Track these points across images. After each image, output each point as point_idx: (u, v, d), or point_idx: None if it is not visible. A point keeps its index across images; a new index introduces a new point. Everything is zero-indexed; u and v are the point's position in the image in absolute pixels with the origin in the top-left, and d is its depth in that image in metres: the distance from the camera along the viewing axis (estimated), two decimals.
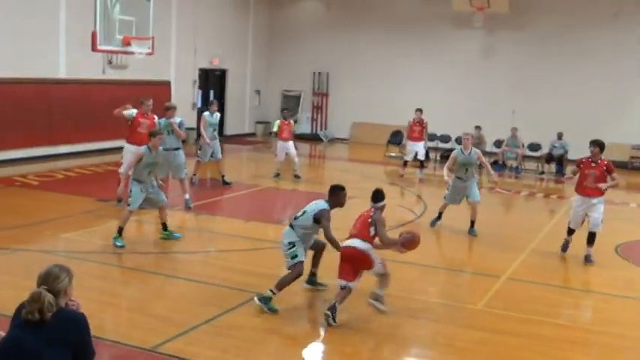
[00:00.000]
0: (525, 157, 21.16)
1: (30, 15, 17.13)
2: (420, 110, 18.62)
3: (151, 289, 8.81)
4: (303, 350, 7.15)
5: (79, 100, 18.52)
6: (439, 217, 12.53)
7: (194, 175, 15.48)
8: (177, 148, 13.06)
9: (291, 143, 16.88)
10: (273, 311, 7.79)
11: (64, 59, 18.28)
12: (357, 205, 14.61)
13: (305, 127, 27.02)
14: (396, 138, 22.97)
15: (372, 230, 7.92)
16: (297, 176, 16.77)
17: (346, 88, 26.04)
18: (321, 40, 26.44)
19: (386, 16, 25.38)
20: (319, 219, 8.16)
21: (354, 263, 7.79)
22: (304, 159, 23.43)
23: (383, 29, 25.40)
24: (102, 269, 9.33)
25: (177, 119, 13.15)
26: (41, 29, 17.54)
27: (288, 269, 8.15)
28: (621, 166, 21.86)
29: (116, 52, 16.26)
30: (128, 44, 13.19)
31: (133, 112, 12.58)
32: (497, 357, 7.10)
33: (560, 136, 20.64)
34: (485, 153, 21.02)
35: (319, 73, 26.70)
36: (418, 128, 18.50)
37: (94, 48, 12.70)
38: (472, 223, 12.12)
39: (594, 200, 10.39)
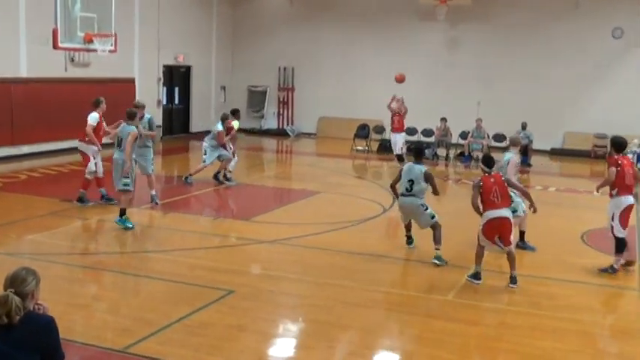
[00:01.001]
0: (491, 148, 21.35)
1: None
2: (398, 100, 18.68)
3: (120, 289, 8.72)
4: (274, 346, 7.14)
5: (42, 99, 18.21)
6: None
7: (190, 175, 15.31)
8: (146, 146, 12.94)
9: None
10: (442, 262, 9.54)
11: (25, 57, 17.95)
12: (325, 198, 14.73)
13: (271, 123, 26.96)
14: (362, 131, 23.02)
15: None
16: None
17: (312, 82, 26.02)
18: (286, 35, 26.38)
19: (349, 9, 25.40)
20: (428, 177, 9.80)
21: (504, 232, 8.73)
22: (271, 154, 23.45)
23: (346, 22, 25.41)
24: (69, 270, 9.21)
25: (147, 116, 13.04)
26: (0, 27, 17.21)
27: (432, 227, 9.78)
28: (584, 154, 22.25)
29: (78, 50, 16.06)
30: (90, 41, 13.09)
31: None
32: (468, 348, 7.16)
33: (524, 127, 20.87)
34: (451, 145, 21.36)
35: (284, 68, 26.64)
36: (397, 118, 18.57)
37: (55, 45, 12.54)
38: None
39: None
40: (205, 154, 15.11)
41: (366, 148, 22.50)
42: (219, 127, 15.14)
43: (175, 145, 22.87)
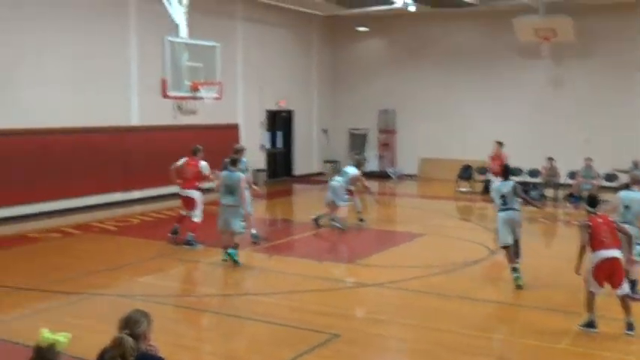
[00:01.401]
0: (602, 188, 20.52)
1: (103, 67, 17.75)
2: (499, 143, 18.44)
3: (224, 331, 8.79)
4: None
5: (152, 146, 18.97)
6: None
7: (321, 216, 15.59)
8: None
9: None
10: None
11: (137, 107, 18.83)
12: (429, 241, 14.51)
13: (373, 165, 26.97)
14: (465, 172, 22.67)
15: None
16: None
17: (413, 123, 25.92)
18: (386, 77, 26.49)
19: (449, 49, 25.28)
20: (516, 190, 10.60)
21: (615, 273, 8.31)
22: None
23: (447, 62, 25.29)
24: (178, 312, 9.40)
25: (243, 160, 13.33)
26: (114, 79, 18.15)
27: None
28: None
29: (185, 98, 16.61)
30: (197, 90, 13.46)
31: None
32: None
33: (637, 165, 19.96)
34: (559, 185, 20.65)
35: (385, 110, 26.69)
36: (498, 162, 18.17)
37: (164, 95, 13.01)
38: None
39: None
40: (336, 196, 15.24)
41: (470, 189, 22.11)
42: (355, 171, 15.60)
43: (279, 188, 23.21)
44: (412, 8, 22.28)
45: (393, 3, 21.50)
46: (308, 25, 25.98)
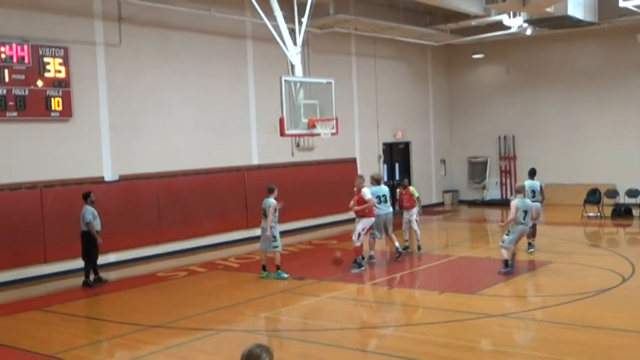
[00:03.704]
0: None
1: (224, 110, 18.43)
2: None
3: None
4: None
5: (272, 184, 19.35)
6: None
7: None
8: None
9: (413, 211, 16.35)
10: None
11: (256, 146, 19.36)
12: (557, 269, 13.96)
13: (495, 193, 26.38)
14: (593, 196, 21.71)
15: None
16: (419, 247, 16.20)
17: (534, 149, 25.18)
18: (503, 103, 25.99)
19: (567, 69, 24.53)
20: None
21: None
22: (496, 225, 22.83)
23: (565, 84, 24.54)
24: (301, 347, 9.47)
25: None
26: (235, 122, 18.78)
27: None
28: None
29: (303, 136, 16.98)
30: (313, 126, 13.66)
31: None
32: None
33: None
34: None
35: (504, 136, 26.13)
36: None
37: (282, 133, 13.30)
38: None
39: None
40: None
41: (599, 213, 21.15)
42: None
43: (399, 220, 23.02)
44: (529, 32, 21.84)
45: (508, 28, 21.15)
46: (422, 55, 25.95)
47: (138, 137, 16.52)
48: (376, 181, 15.15)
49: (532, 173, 16.52)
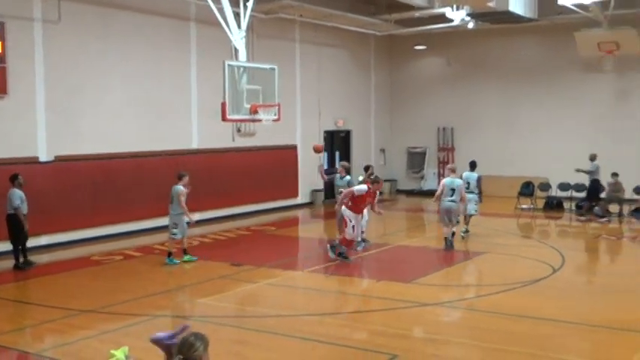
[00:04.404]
0: None
1: (165, 93, 18.16)
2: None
3: (289, 353, 8.78)
4: None
5: (211, 169, 19.24)
6: None
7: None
8: None
9: None
10: None
11: (196, 131, 19.16)
12: (490, 259, 14.28)
13: (432, 183, 26.74)
14: (527, 189, 22.25)
15: None
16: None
17: (472, 141, 25.61)
18: (444, 95, 26.34)
19: (507, 65, 24.99)
20: None
21: None
22: (433, 215, 23.20)
23: (505, 79, 25.02)
24: (238, 333, 9.45)
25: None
26: (175, 105, 18.52)
27: None
28: None
29: (244, 121, 16.85)
30: (255, 112, 13.59)
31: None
32: None
33: None
34: (624, 200, 20.08)
35: (443, 128, 26.51)
36: None
37: (223, 118, 13.18)
38: None
39: None
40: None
41: (532, 205, 21.70)
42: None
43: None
44: (471, 25, 22.16)
45: (451, 21, 21.40)
46: (365, 45, 26.05)
47: (75, 118, 16.14)
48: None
49: (472, 165, 17.35)
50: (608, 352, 8.56)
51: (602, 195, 20.11)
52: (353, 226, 13.55)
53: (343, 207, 13.61)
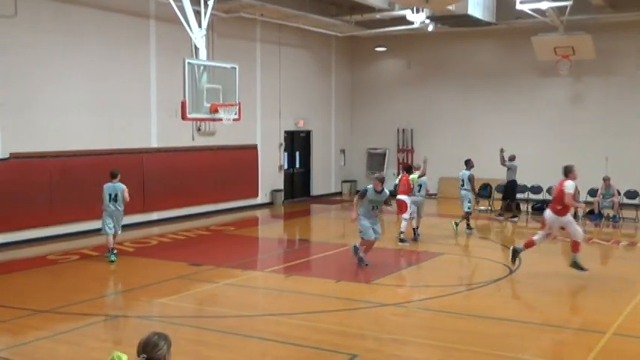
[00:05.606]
0: (623, 205, 20.33)
1: (124, 91, 17.93)
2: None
3: (248, 353, 8.75)
4: None
5: (171, 168, 19.08)
6: None
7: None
8: None
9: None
10: None
11: (156, 129, 18.97)
12: (449, 260, 14.42)
13: (392, 184, 26.89)
14: (484, 191, 22.52)
15: None
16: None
17: (431, 143, 25.84)
18: (403, 97, 26.53)
19: (467, 68, 25.30)
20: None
21: None
22: (392, 216, 23.33)
23: (464, 82, 25.32)
24: (197, 334, 9.38)
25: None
26: (134, 103, 18.31)
27: None
28: None
29: (204, 120, 16.75)
30: (216, 111, 13.49)
31: None
32: None
33: None
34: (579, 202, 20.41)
35: (403, 129, 26.70)
36: None
37: (183, 117, 13.06)
38: None
39: None
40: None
41: (489, 207, 21.98)
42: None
43: (297, 208, 23.21)
44: (430, 28, 22.36)
45: (411, 23, 21.55)
46: (327, 45, 26.10)
47: (32, 114, 15.85)
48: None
49: (466, 163, 18.45)
50: (564, 351, 8.72)
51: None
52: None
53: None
